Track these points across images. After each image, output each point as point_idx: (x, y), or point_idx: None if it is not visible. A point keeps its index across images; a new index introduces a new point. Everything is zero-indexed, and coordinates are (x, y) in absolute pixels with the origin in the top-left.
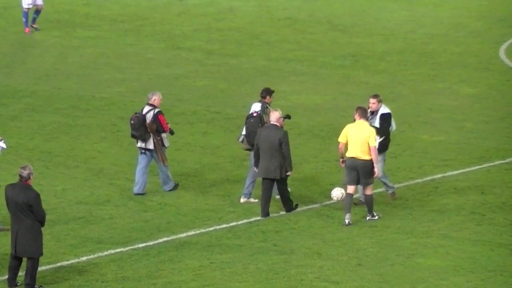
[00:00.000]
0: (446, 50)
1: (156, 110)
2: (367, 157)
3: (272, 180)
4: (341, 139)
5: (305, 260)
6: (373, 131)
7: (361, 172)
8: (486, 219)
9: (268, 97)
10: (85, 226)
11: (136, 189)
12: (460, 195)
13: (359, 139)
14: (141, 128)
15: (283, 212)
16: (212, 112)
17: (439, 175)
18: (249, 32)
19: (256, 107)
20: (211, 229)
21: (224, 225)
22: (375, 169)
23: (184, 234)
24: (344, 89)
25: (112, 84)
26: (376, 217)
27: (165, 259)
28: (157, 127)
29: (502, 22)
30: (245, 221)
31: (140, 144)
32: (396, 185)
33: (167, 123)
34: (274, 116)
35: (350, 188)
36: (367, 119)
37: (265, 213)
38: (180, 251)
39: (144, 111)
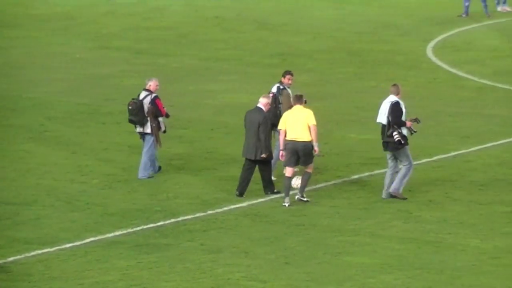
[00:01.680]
0: (374, 49)
1: (153, 95)
2: (307, 138)
3: (253, 161)
4: (281, 126)
5: (233, 259)
6: (311, 111)
7: (301, 153)
8: (413, 216)
9: (282, 78)
10: (12, 226)
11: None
12: None
13: (297, 120)
14: (139, 113)
15: (210, 212)
16: None
17: (366, 174)
18: (178, 32)
19: (274, 88)
20: (138, 228)
21: (151, 225)
22: (316, 148)
23: (111, 234)
24: None
25: (39, 84)
26: (305, 199)
27: (92, 259)
28: (155, 111)
29: (430, 20)
30: (172, 220)
31: (138, 129)
32: (323, 184)
33: (163, 107)
34: (263, 101)
35: (289, 171)
36: (302, 104)
37: (240, 192)
38: (107, 251)
39: (141, 96)
